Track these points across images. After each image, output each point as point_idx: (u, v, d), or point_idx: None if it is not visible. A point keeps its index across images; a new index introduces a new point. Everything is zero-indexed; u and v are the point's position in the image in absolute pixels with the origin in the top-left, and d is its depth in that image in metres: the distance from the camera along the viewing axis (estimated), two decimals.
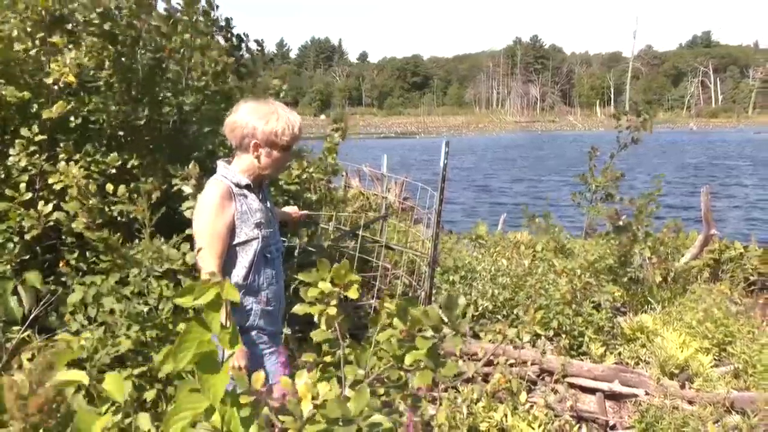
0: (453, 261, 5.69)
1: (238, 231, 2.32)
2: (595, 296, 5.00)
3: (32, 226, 2.99)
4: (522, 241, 7.36)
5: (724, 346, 4.92)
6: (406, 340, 1.42)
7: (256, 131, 2.32)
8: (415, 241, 5.24)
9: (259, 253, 2.36)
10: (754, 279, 7.11)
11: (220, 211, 2.28)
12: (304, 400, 1.28)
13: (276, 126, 2.32)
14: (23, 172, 3.14)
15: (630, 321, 5.17)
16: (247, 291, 2.36)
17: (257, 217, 2.37)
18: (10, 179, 3.15)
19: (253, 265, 2.35)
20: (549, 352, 4.41)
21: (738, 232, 12.97)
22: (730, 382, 4.31)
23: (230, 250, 2.33)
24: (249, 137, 2.34)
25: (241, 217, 2.33)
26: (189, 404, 1.16)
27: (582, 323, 4.74)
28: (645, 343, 4.81)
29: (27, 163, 3.10)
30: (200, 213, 2.32)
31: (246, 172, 2.39)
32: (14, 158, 3.09)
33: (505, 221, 9.73)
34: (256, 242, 2.35)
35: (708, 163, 32.81)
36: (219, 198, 2.29)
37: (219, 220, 2.27)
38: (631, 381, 4.21)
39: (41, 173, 3.14)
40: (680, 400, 3.96)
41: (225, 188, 2.32)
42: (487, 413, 3.46)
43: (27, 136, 3.08)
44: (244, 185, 2.37)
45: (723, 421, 3.66)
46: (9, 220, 2.99)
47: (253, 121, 2.33)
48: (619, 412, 4.11)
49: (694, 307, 5.47)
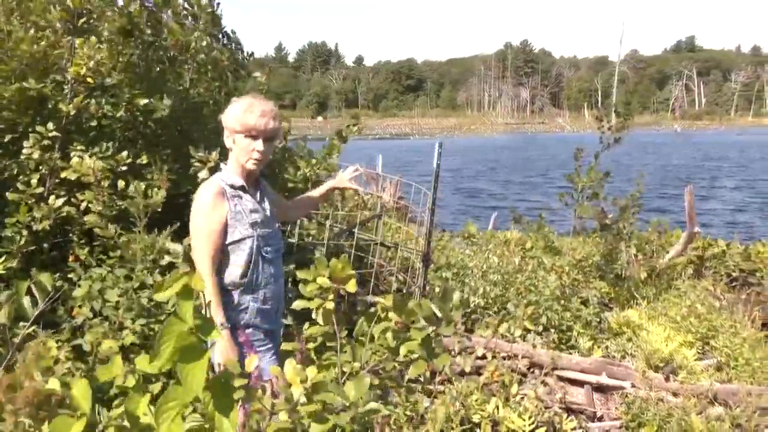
0: (446, 258, 5.70)
1: (231, 230, 2.31)
2: (583, 292, 5.02)
3: (43, 217, 2.98)
4: (512, 239, 7.37)
5: (707, 340, 4.95)
6: (401, 331, 1.43)
7: (225, 121, 2.36)
8: (409, 239, 5.25)
9: (256, 252, 2.35)
10: (736, 275, 7.15)
11: (213, 211, 2.27)
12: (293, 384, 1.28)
13: (236, 110, 2.32)
14: (36, 167, 3.13)
15: (617, 316, 5.19)
16: (244, 289, 2.34)
17: (252, 217, 2.35)
18: (23, 174, 3.14)
19: (252, 264, 2.34)
20: (539, 346, 4.42)
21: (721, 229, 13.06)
22: (713, 375, 4.34)
23: (224, 250, 2.32)
24: (223, 128, 2.38)
25: (235, 217, 2.31)
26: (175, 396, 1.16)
27: (570, 318, 4.76)
28: (631, 337, 4.83)
29: (39, 157, 3.09)
30: (194, 212, 2.32)
31: (235, 170, 2.38)
32: (27, 151, 3.07)
33: (496, 220, 9.76)
34: (251, 240, 2.34)
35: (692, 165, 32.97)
36: (212, 197, 2.29)
37: (212, 219, 2.27)
38: (618, 374, 4.23)
39: (53, 170, 3.13)
40: (665, 392, 3.98)
41: (218, 188, 2.31)
42: (479, 405, 3.47)
43: (41, 132, 3.07)
44: (238, 186, 2.36)
45: (706, 413, 3.68)
46: (19, 213, 2.98)
47: (225, 113, 2.36)
48: (606, 404, 4.13)
49: (679, 302, 5.50)
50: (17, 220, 2.97)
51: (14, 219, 2.98)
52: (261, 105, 2.33)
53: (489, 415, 3.42)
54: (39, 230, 3.00)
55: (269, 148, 2.39)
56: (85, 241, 3.14)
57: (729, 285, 6.96)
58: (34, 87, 3.10)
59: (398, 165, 26.19)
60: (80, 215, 3.06)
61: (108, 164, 3.12)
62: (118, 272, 2.85)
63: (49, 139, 3.09)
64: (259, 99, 2.40)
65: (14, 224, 2.97)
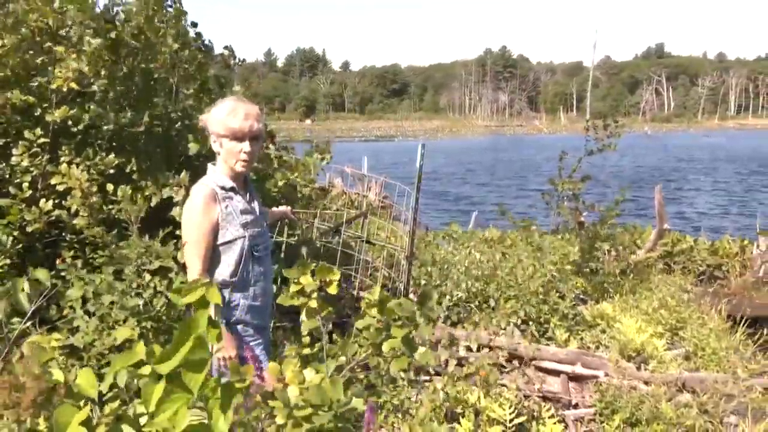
0: (431, 255, 5.71)
1: (223, 231, 2.29)
2: (561, 286, 5.05)
3: (34, 220, 2.95)
4: (492, 237, 7.40)
5: (676, 331, 5.01)
6: (384, 329, 1.43)
7: (209, 124, 2.32)
8: (394, 237, 5.24)
9: (247, 251, 2.33)
10: (703, 269, 7.25)
11: (205, 214, 2.25)
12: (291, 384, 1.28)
13: (220, 114, 2.28)
14: (26, 172, 3.08)
15: (591, 309, 5.23)
16: (235, 287, 2.33)
17: (243, 218, 2.33)
18: (14, 178, 3.10)
19: (242, 263, 2.32)
20: (518, 338, 4.45)
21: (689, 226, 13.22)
22: (681, 364, 4.39)
23: (215, 250, 2.29)
24: (208, 132, 2.35)
25: (226, 218, 2.29)
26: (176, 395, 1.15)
27: (548, 311, 4.79)
28: (605, 328, 4.87)
29: (29, 164, 3.05)
30: (186, 215, 2.29)
31: (224, 171, 2.35)
32: (17, 158, 3.04)
33: (477, 219, 9.79)
34: (242, 241, 2.31)
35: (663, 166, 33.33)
36: (203, 201, 2.25)
37: (203, 221, 2.24)
38: (592, 364, 4.27)
39: (43, 174, 3.09)
40: (637, 380, 4.02)
41: (209, 191, 2.28)
42: (462, 396, 3.48)
43: (30, 138, 3.03)
44: (228, 188, 2.33)
45: (675, 400, 3.72)
46: (11, 215, 2.94)
47: (208, 116, 2.33)
48: (581, 393, 4.16)
49: (650, 295, 5.57)
50: (8, 221, 2.94)
51: (5, 221, 2.95)
52: (244, 108, 2.30)
53: (471, 405, 3.43)
54: (30, 231, 2.97)
55: (256, 147, 2.36)
56: (76, 241, 3.10)
57: (697, 279, 7.06)
58: (18, 97, 3.05)
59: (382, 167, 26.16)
60: (70, 218, 3.03)
61: (96, 169, 3.08)
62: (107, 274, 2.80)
63: (38, 146, 3.05)
64: (241, 101, 2.36)
65: (6, 225, 2.93)
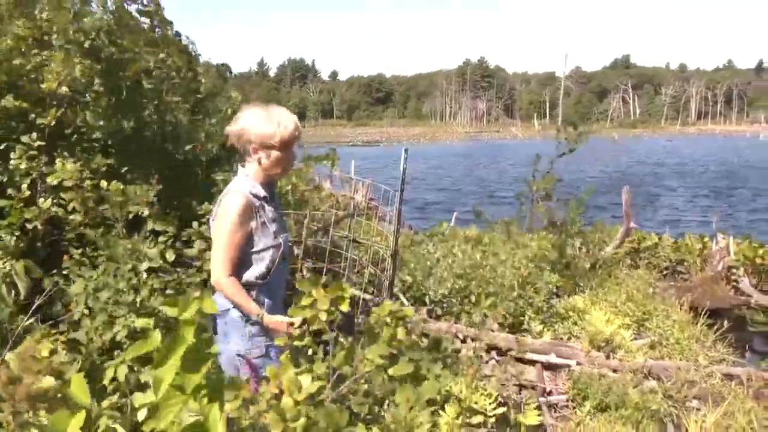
0: (413, 254, 5.71)
1: (256, 240, 2.22)
2: (536, 282, 5.08)
3: (33, 218, 2.91)
4: (471, 236, 7.42)
5: (642, 322, 5.06)
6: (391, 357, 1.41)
7: (252, 136, 2.21)
8: (380, 236, 5.23)
9: (279, 258, 2.27)
10: (666, 265, 7.34)
11: (240, 225, 2.16)
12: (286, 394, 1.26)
13: (267, 128, 2.19)
14: (25, 175, 3.04)
15: (564, 302, 5.27)
16: (262, 288, 2.25)
17: (274, 226, 2.26)
18: (13, 181, 3.05)
19: (273, 268, 2.26)
20: (497, 331, 4.46)
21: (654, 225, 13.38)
22: (647, 353, 4.44)
23: (246, 256, 2.22)
24: (248, 143, 2.23)
25: (260, 228, 2.22)
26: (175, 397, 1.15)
27: (524, 305, 4.82)
28: (576, 320, 4.91)
29: (27, 166, 3.01)
30: (221, 222, 2.19)
31: (257, 178, 2.26)
32: (15, 162, 3.00)
33: (457, 218, 9.81)
34: (273, 250, 2.24)
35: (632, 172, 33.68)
36: (241, 210, 2.16)
37: (237, 231, 2.16)
38: (565, 353, 4.30)
39: (41, 176, 3.04)
40: (606, 368, 4.06)
41: (246, 203, 2.18)
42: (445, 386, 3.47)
43: (27, 142, 2.99)
44: (262, 197, 2.24)
45: (642, 386, 3.76)
46: (11, 216, 2.90)
47: (249, 127, 2.21)
48: (555, 380, 4.19)
49: (618, 289, 5.62)
50: (9, 222, 2.89)
51: (6, 222, 2.90)
52: (289, 116, 2.24)
53: (454, 396, 3.43)
54: (31, 230, 2.92)
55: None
56: (77, 239, 3.06)
57: (661, 273, 7.15)
58: (11, 102, 3.00)
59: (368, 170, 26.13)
60: (67, 215, 2.98)
61: (89, 168, 3.04)
62: (104, 267, 2.76)
63: (35, 149, 3.01)
64: (280, 109, 2.28)
65: (7, 226, 2.89)
